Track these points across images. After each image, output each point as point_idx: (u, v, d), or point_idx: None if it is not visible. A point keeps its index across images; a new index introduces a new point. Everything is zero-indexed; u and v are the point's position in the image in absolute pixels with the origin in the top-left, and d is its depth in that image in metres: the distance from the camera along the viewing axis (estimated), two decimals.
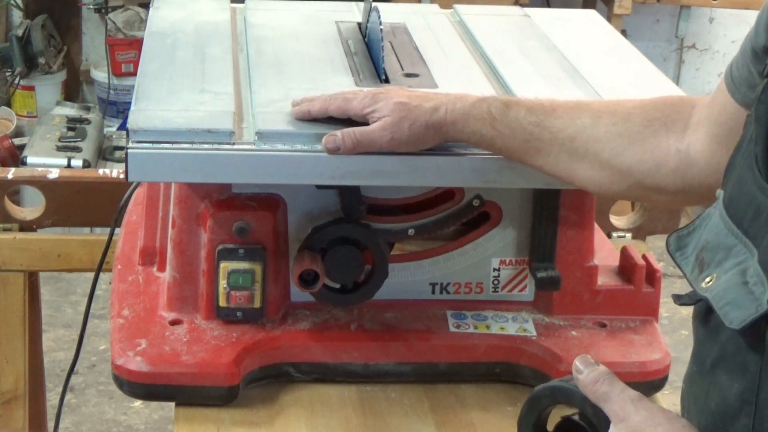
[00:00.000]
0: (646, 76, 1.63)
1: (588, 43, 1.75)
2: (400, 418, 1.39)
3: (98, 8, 4.19)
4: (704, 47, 4.69)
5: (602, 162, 1.27)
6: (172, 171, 1.33)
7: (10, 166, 3.55)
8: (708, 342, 1.02)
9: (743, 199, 0.99)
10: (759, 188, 0.96)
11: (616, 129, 1.27)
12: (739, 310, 0.95)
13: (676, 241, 1.09)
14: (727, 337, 0.98)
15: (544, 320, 1.49)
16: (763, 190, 0.96)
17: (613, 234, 2.06)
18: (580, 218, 1.48)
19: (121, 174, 2.00)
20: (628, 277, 1.52)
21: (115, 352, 1.40)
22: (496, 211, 1.48)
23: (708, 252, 1.02)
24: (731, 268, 0.97)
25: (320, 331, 1.44)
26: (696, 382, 1.04)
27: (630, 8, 4.02)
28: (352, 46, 1.64)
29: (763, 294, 0.93)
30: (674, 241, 1.09)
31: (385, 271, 1.44)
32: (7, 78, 4.13)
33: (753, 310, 0.93)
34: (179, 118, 1.35)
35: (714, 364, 1.00)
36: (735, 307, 0.96)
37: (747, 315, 0.94)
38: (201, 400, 1.38)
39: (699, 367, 1.03)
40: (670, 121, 1.26)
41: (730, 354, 0.98)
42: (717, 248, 1.01)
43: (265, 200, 1.42)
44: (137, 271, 1.55)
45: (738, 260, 0.97)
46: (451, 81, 1.54)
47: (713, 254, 1.01)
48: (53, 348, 3.33)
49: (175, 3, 1.79)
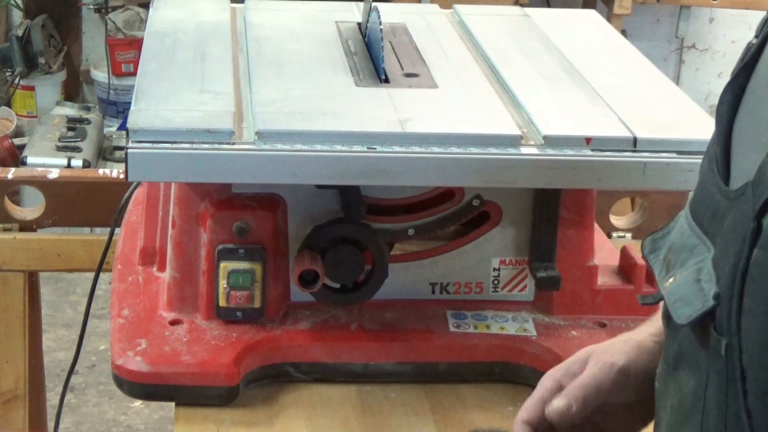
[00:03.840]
0: (646, 76, 1.63)
1: (588, 43, 1.75)
2: (400, 418, 1.39)
3: (98, 8, 4.20)
4: (704, 47, 4.69)
5: None
6: (172, 171, 1.33)
7: (10, 166, 3.55)
8: (670, 340, 1.04)
9: (704, 200, 1.00)
10: (717, 188, 0.97)
11: None
12: (687, 306, 0.97)
13: (650, 243, 1.10)
14: (684, 334, 1.00)
15: (544, 320, 1.49)
16: (720, 190, 0.96)
17: (613, 234, 2.06)
18: (580, 218, 1.48)
19: (121, 174, 2.00)
20: (628, 277, 1.52)
21: (115, 352, 1.40)
22: (496, 211, 1.48)
23: (674, 253, 1.03)
24: (691, 267, 0.99)
25: (320, 331, 1.44)
26: (663, 379, 1.06)
27: (630, 8, 4.02)
28: (352, 46, 1.64)
29: (711, 291, 0.94)
30: (648, 244, 1.10)
31: (385, 271, 1.44)
32: (7, 78, 4.14)
33: (700, 306, 0.95)
34: (179, 118, 1.35)
35: (675, 361, 1.02)
36: (684, 304, 0.97)
37: (694, 311, 0.95)
38: (201, 400, 1.38)
39: (665, 365, 1.05)
40: None
41: (686, 351, 1.00)
42: (682, 249, 1.02)
43: (265, 200, 1.42)
44: (137, 271, 1.55)
45: (698, 260, 0.98)
46: (451, 81, 1.54)
47: (678, 255, 1.02)
48: (53, 348, 3.33)
49: (175, 3, 1.79)
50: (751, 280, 0.89)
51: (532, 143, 1.38)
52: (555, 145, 1.37)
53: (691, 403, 0.98)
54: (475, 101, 1.48)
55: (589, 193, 1.48)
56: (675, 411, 1.01)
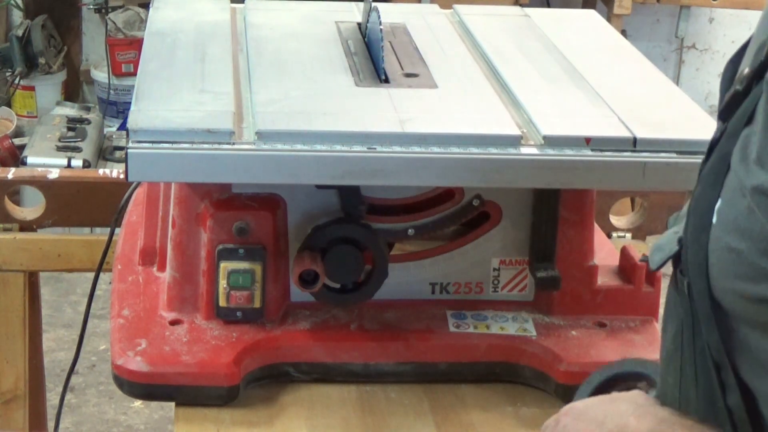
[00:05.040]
0: (646, 76, 1.63)
1: (588, 43, 1.75)
2: (400, 418, 1.39)
3: (98, 8, 4.20)
4: (704, 47, 4.69)
5: None
6: (172, 171, 1.33)
7: (10, 166, 3.55)
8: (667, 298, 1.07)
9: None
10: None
11: None
12: (660, 252, 1.04)
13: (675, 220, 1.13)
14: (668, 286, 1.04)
15: (544, 320, 1.49)
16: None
17: (613, 234, 2.06)
18: (580, 218, 1.48)
19: (121, 174, 2.00)
20: (628, 277, 1.52)
21: (115, 352, 1.40)
22: (496, 211, 1.48)
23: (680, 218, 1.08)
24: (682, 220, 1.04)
25: (320, 331, 1.44)
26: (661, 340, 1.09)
27: (630, 8, 4.02)
28: (352, 46, 1.64)
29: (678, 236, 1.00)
30: (673, 220, 1.13)
31: (385, 271, 1.44)
32: (7, 78, 4.14)
33: (668, 251, 1.01)
34: (179, 118, 1.35)
35: (665, 315, 1.05)
36: (658, 250, 1.05)
37: (664, 255, 1.02)
38: (201, 400, 1.38)
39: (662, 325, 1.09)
40: None
41: (670, 301, 1.03)
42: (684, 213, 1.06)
43: (265, 200, 1.42)
44: (137, 271, 1.55)
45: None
46: (451, 81, 1.54)
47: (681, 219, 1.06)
48: (53, 348, 3.33)
49: (175, 3, 1.79)
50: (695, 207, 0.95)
51: (532, 143, 1.38)
52: (555, 145, 1.37)
53: (672, 349, 1.01)
54: (475, 101, 1.48)
55: (589, 193, 1.48)
56: (663, 360, 1.05)
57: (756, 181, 0.87)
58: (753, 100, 0.93)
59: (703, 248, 0.93)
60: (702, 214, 0.95)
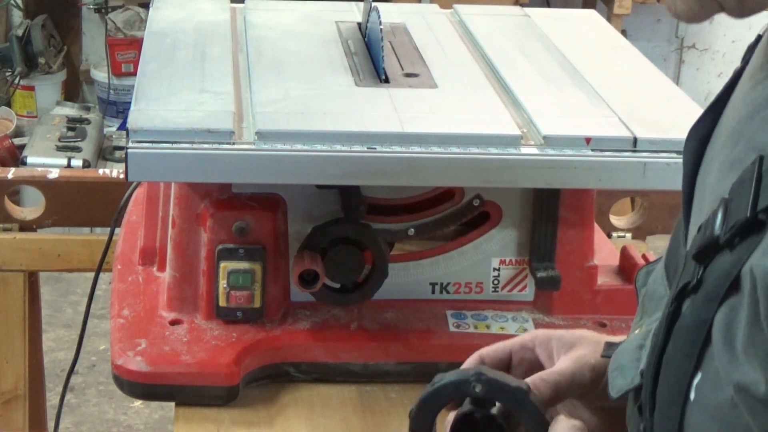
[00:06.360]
0: (646, 76, 1.63)
1: (588, 43, 1.75)
2: (400, 418, 1.39)
3: (98, 8, 4.20)
4: (704, 47, 4.69)
5: None
6: (172, 171, 1.33)
7: (10, 166, 3.55)
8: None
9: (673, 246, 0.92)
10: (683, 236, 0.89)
11: None
12: (621, 377, 0.91)
13: (644, 276, 1.01)
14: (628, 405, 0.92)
15: (544, 320, 1.49)
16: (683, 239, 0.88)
17: (613, 234, 2.06)
18: (580, 218, 1.48)
19: (121, 174, 2.00)
20: (628, 277, 1.52)
21: (115, 352, 1.40)
22: (496, 211, 1.48)
23: (648, 298, 0.96)
24: (651, 323, 0.91)
25: (320, 331, 1.44)
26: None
27: (630, 8, 4.03)
28: (352, 46, 1.64)
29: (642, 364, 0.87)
30: (642, 276, 1.02)
31: (385, 271, 1.44)
32: (7, 78, 4.14)
33: (630, 380, 0.89)
34: (179, 118, 1.35)
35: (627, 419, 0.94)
36: (619, 373, 0.92)
37: (624, 385, 0.90)
38: (201, 400, 1.38)
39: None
40: None
41: (630, 415, 0.92)
42: (653, 296, 0.95)
43: (265, 200, 1.42)
44: (137, 271, 1.55)
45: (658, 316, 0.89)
46: (451, 81, 1.54)
47: (650, 302, 0.95)
48: (53, 348, 3.33)
49: (175, 3, 1.79)
50: (666, 366, 0.80)
51: (532, 143, 1.38)
52: (555, 145, 1.37)
53: None
54: (475, 101, 1.48)
55: (589, 193, 1.48)
56: None
57: (741, 377, 0.72)
58: (737, 263, 0.74)
59: (673, 421, 0.79)
60: (673, 385, 0.79)
